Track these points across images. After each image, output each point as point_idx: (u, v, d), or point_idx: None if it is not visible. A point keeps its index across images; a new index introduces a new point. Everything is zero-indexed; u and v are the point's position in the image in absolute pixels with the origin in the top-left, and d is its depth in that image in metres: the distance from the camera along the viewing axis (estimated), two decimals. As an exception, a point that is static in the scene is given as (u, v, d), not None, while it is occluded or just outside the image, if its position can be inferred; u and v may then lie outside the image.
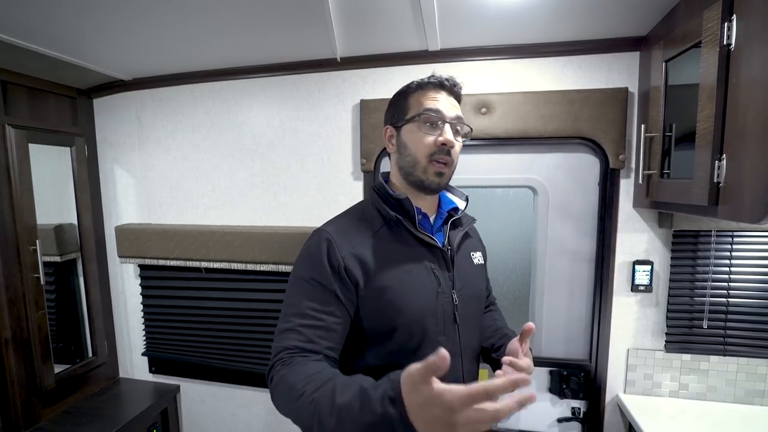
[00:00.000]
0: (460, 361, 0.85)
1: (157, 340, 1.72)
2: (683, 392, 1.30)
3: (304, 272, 0.80)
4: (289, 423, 0.76)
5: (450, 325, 0.84)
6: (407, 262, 0.82)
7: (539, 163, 1.36)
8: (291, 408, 0.67)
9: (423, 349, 0.80)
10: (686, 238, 1.26)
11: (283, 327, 0.77)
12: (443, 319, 0.83)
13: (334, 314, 0.77)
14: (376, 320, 0.80)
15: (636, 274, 1.28)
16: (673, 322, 1.28)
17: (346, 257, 0.79)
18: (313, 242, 0.82)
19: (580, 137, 1.27)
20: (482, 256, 0.99)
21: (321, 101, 1.48)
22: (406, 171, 0.85)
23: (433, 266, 0.83)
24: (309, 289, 0.78)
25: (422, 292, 0.81)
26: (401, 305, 0.79)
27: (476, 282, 0.93)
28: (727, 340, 1.25)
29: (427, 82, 0.85)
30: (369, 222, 0.85)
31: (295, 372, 0.68)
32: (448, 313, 0.84)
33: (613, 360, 1.33)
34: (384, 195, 0.87)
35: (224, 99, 1.57)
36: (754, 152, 0.79)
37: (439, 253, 0.85)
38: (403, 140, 0.85)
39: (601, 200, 1.31)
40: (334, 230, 0.83)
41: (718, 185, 0.88)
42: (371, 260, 0.80)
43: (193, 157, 1.63)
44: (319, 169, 1.51)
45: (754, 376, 1.26)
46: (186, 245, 1.56)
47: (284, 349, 0.74)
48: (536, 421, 1.42)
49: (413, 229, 0.83)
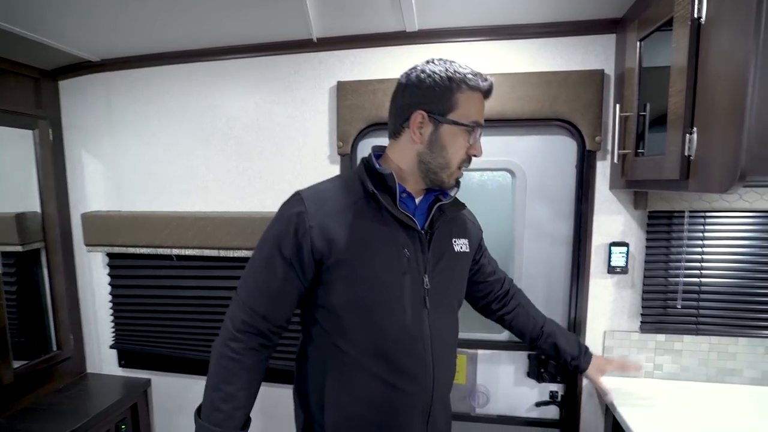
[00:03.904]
0: (429, 348, 0.83)
1: (127, 332, 1.65)
2: (658, 373, 1.31)
3: (270, 234, 0.82)
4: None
5: (417, 309, 0.82)
6: (378, 239, 0.80)
7: (517, 145, 1.35)
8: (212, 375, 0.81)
9: (389, 332, 0.80)
10: (660, 219, 1.27)
11: (241, 292, 0.83)
12: (411, 302, 0.81)
13: (289, 283, 0.80)
14: (341, 296, 0.80)
15: (612, 256, 1.29)
16: (648, 303, 1.30)
17: (314, 226, 0.78)
18: (286, 206, 0.83)
19: (557, 119, 1.27)
20: (468, 245, 0.95)
21: (297, 83, 1.44)
22: (430, 168, 0.82)
23: (406, 247, 0.81)
24: (269, 255, 0.80)
25: (388, 271, 0.80)
26: (365, 282, 0.79)
27: (453, 269, 0.91)
28: (700, 320, 1.27)
29: (479, 87, 0.81)
30: (349, 192, 0.83)
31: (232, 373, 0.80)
32: (417, 296, 0.82)
33: (590, 342, 1.34)
34: (369, 167, 0.85)
35: (197, 81, 1.52)
36: (723, 125, 0.80)
37: (416, 235, 0.83)
38: (441, 139, 0.80)
39: (578, 182, 1.32)
40: (310, 195, 0.82)
41: (689, 158, 0.89)
42: (340, 231, 0.78)
43: (165, 141, 1.57)
44: (295, 152, 1.47)
45: (725, 354, 1.28)
46: (157, 232, 1.50)
47: (239, 323, 0.81)
48: (515, 405, 1.41)
49: (391, 206, 0.81)
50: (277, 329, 0.84)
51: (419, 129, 0.81)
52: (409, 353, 0.81)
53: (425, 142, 0.81)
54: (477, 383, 1.40)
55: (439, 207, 0.87)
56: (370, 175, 0.83)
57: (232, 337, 0.80)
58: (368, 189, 0.81)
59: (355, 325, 0.80)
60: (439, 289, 0.86)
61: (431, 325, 0.84)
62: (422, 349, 0.82)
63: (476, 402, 1.40)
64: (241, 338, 0.80)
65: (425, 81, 0.80)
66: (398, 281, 0.80)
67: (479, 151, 0.83)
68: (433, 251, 0.85)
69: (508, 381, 1.41)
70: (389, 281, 0.80)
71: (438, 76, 0.79)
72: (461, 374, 1.39)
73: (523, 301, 1.12)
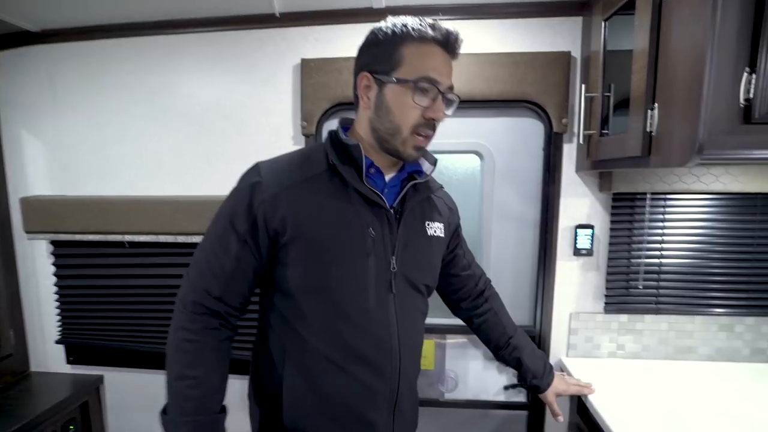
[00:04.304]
0: (395, 334, 0.77)
1: (75, 326, 1.54)
2: (620, 352, 1.34)
3: (224, 208, 0.76)
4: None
5: (383, 294, 0.76)
6: (339, 216, 0.74)
7: (485, 127, 1.34)
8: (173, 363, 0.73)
9: (351, 317, 0.74)
10: (624, 202, 1.29)
11: (192, 272, 0.76)
12: (375, 286, 0.75)
13: (244, 262, 0.74)
14: (298, 278, 0.74)
15: (578, 239, 1.30)
16: (612, 284, 1.32)
17: (269, 199, 0.71)
18: (242, 177, 0.76)
19: (525, 101, 1.27)
20: (443, 229, 0.88)
21: (259, 60, 1.37)
22: (381, 136, 0.75)
23: (371, 226, 0.75)
24: (222, 230, 0.74)
25: (350, 251, 0.74)
26: (323, 263, 0.73)
27: (424, 252, 0.84)
28: (660, 299, 1.30)
29: (429, 36, 0.70)
30: (312, 164, 0.76)
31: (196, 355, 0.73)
32: (382, 280, 0.76)
33: (557, 324, 1.35)
34: (335, 139, 0.77)
35: (151, 56, 1.42)
36: (682, 101, 0.81)
37: (383, 214, 0.76)
38: (386, 102, 0.72)
39: (545, 165, 1.32)
40: (268, 166, 0.75)
41: (651, 135, 0.90)
42: (298, 206, 0.72)
43: (116, 121, 1.46)
44: (257, 133, 1.40)
45: (682, 333, 1.31)
46: (107, 217, 1.40)
47: (192, 305, 0.74)
48: (483, 389, 1.41)
49: (356, 181, 0.74)
50: (235, 311, 0.77)
51: (366, 93, 0.74)
52: (373, 340, 0.76)
53: (372, 106, 0.74)
54: (446, 368, 1.39)
55: (413, 186, 0.80)
56: (335, 147, 0.76)
57: (188, 319, 0.73)
58: (330, 161, 0.75)
59: (315, 310, 0.74)
60: (408, 273, 0.79)
61: (398, 311, 0.78)
62: (387, 335, 0.76)
63: (445, 387, 1.39)
64: (198, 319, 0.73)
65: (371, 40, 0.75)
66: (361, 263, 0.74)
67: (438, 113, 0.72)
68: (402, 232, 0.79)
69: (476, 366, 1.40)
70: (351, 262, 0.74)
71: (383, 32, 0.72)
72: (430, 360, 1.37)
73: (497, 306, 1.05)
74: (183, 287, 0.76)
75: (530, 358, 1.02)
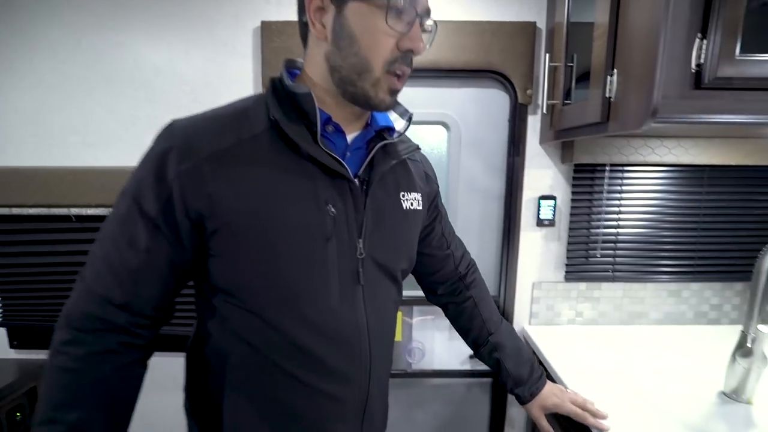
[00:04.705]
0: (365, 334, 0.63)
1: (18, 307, 1.43)
2: (579, 319, 1.40)
3: (129, 185, 0.57)
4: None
5: (349, 287, 0.61)
6: (288, 191, 0.56)
7: (452, 98, 1.33)
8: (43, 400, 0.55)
9: (310, 319, 0.58)
10: (585, 173, 1.32)
11: (87, 273, 0.57)
12: (338, 278, 0.60)
13: (156, 255, 0.56)
14: (238, 274, 0.57)
15: (541, 209, 1.32)
16: (573, 253, 1.36)
17: (188, 171, 0.53)
18: (154, 142, 0.57)
19: (491, 71, 1.26)
20: (420, 200, 0.73)
21: (217, 22, 1.29)
22: (343, 77, 0.56)
23: (331, 202, 0.58)
24: (126, 215, 0.55)
25: (304, 236, 0.57)
26: (269, 253, 0.56)
27: (398, 232, 0.68)
28: (616, 267, 1.36)
29: None
30: (248, 121, 0.57)
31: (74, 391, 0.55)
32: (347, 269, 0.61)
33: (520, 294, 1.38)
34: (278, 87, 0.59)
35: (95, 12, 1.30)
36: (639, 67, 0.83)
37: (346, 186, 0.60)
38: (348, 28, 0.54)
39: (510, 136, 1.33)
40: (187, 125, 0.56)
41: (609, 101, 0.92)
42: (230, 179, 0.54)
43: (55, 84, 1.34)
44: (215, 100, 1.29)
45: (635, 299, 1.39)
46: (50, 189, 1.29)
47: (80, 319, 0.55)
48: (450, 359, 1.44)
49: (308, 143, 0.56)
50: (147, 321, 0.58)
51: (319, 17, 0.56)
52: (339, 345, 0.61)
53: (329, 35, 0.56)
54: (413, 339, 1.40)
55: (383, 147, 0.64)
56: (279, 98, 0.58)
57: (69, 339, 0.54)
58: (272, 117, 0.56)
59: (262, 311, 0.57)
60: (380, 258, 0.64)
61: (368, 305, 0.63)
62: (356, 338, 0.62)
63: (413, 358, 1.40)
64: (84, 340, 0.55)
65: None
66: (319, 250, 0.58)
67: (417, 44, 0.56)
68: (371, 207, 0.63)
69: (443, 336, 1.42)
70: (306, 251, 0.57)
71: None
72: (398, 331, 1.37)
73: (478, 296, 0.90)
74: (72, 296, 0.57)
75: (513, 360, 0.86)
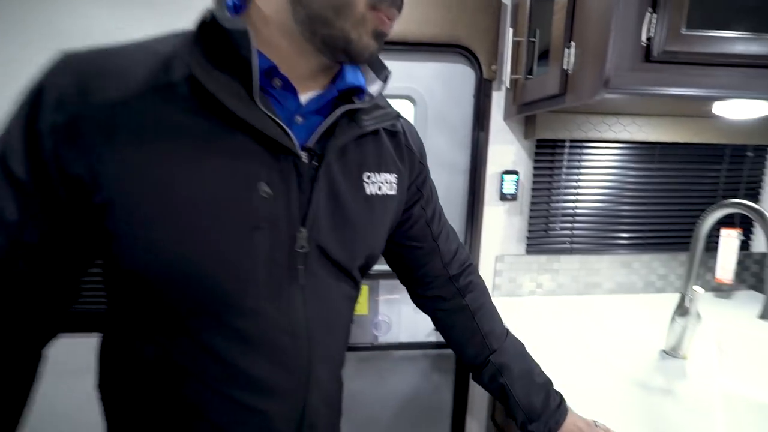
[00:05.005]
0: (305, 341, 0.50)
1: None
2: (539, 290, 1.46)
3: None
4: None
5: (284, 287, 0.48)
6: (204, 160, 0.42)
7: (418, 72, 1.32)
8: None
9: (232, 323, 0.46)
10: (546, 149, 1.36)
11: None
12: (269, 276, 0.47)
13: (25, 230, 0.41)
14: (133, 259, 0.43)
15: (504, 184, 1.36)
16: (534, 227, 1.41)
17: (68, 124, 0.39)
18: (37, 77, 0.41)
19: (457, 45, 1.26)
20: (396, 183, 0.58)
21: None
22: (313, 13, 0.41)
23: (266, 181, 0.45)
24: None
25: (221, 222, 0.43)
26: (177, 240, 0.42)
27: (359, 222, 0.54)
28: (573, 240, 1.42)
29: None
30: (165, 65, 0.42)
31: None
32: (282, 265, 0.47)
33: (484, 267, 1.42)
34: (208, 21, 0.42)
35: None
36: (594, 40, 0.85)
37: (290, 161, 0.46)
38: None
39: (475, 112, 1.35)
40: (85, 60, 0.41)
41: (567, 73, 0.94)
42: (124, 140, 0.40)
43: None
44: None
45: (591, 270, 1.46)
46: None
47: None
48: (415, 331, 1.47)
49: (236, 100, 0.41)
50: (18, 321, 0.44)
51: None
52: (266, 355, 0.48)
53: None
54: (379, 312, 1.42)
55: (349, 113, 0.49)
56: (204, 38, 0.42)
57: None
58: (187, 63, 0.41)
59: (173, 311, 0.45)
60: (332, 253, 0.51)
61: (310, 308, 0.50)
62: (293, 346, 0.49)
63: (379, 331, 1.42)
64: None
65: None
66: (243, 241, 0.44)
67: None
68: (322, 190, 0.49)
69: (408, 308, 1.45)
70: (224, 242, 0.44)
71: None
72: (363, 305, 1.39)
73: (475, 305, 0.72)
74: None
75: (522, 386, 0.68)
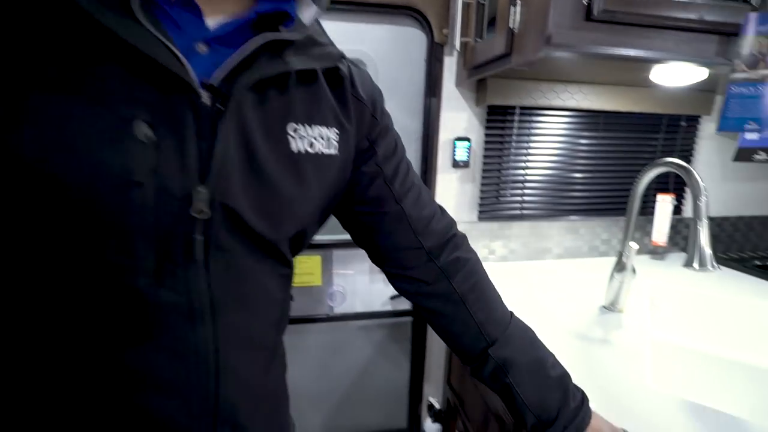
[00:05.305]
0: (210, 342, 0.40)
1: None
2: (492, 257, 1.49)
3: None
4: None
5: (177, 263, 0.38)
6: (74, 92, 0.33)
7: (369, 35, 1.27)
8: None
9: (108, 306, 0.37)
10: (497, 116, 1.37)
11: None
12: (154, 248, 0.37)
13: None
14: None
15: (456, 151, 1.36)
16: (485, 194, 1.43)
17: None
18: None
19: (408, 7, 1.22)
20: (338, 141, 0.48)
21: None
22: None
23: (145, 120, 0.35)
24: None
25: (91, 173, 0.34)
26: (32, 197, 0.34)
27: (282, 184, 0.43)
28: (524, 206, 1.45)
29: None
30: None
31: None
32: (173, 233, 0.37)
33: (438, 235, 1.43)
34: None
35: None
36: None
37: (184, 100, 0.36)
38: None
39: (427, 77, 1.32)
40: None
41: (513, 32, 0.93)
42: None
43: None
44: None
45: (540, 236, 1.51)
46: None
47: None
48: (371, 301, 1.47)
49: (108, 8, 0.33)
50: None
51: None
52: (164, 345, 0.39)
53: None
54: (333, 283, 1.41)
55: (272, 45, 0.39)
56: None
57: None
58: None
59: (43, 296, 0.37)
60: (247, 220, 0.40)
61: (217, 291, 0.40)
62: (193, 334, 0.39)
63: (334, 302, 1.41)
64: None
65: None
66: (120, 202, 0.35)
67: None
68: (231, 137, 0.39)
69: (363, 278, 1.45)
70: (90, 202, 0.34)
71: None
72: (317, 276, 1.36)
73: (465, 287, 0.61)
74: None
75: (532, 383, 0.56)
